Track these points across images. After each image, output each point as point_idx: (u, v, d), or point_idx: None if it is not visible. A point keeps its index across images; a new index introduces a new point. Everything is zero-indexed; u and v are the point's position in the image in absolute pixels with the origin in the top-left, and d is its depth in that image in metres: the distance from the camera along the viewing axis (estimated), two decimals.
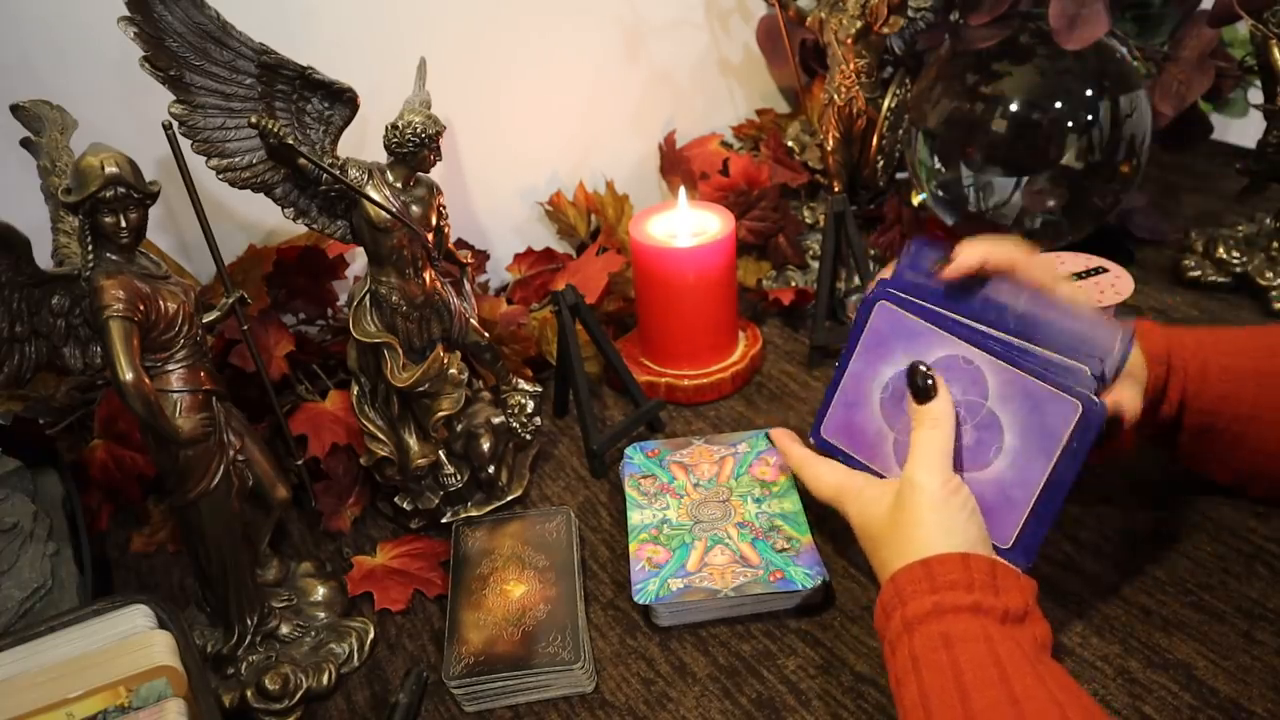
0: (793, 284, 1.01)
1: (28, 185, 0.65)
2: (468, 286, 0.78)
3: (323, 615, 0.70)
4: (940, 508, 0.55)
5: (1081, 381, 0.56)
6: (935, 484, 0.56)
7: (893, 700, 0.61)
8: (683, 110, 1.13)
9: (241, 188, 0.64)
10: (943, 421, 0.58)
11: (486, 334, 0.79)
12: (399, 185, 0.68)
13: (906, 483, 0.57)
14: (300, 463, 0.77)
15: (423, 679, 0.66)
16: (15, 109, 0.67)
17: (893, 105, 0.95)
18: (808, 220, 1.07)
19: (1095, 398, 0.55)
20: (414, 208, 0.69)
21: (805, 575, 0.66)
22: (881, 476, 0.62)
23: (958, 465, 0.59)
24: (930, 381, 0.59)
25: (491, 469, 0.78)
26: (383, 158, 0.69)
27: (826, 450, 0.66)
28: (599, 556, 0.75)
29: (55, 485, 0.78)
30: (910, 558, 0.54)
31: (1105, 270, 0.85)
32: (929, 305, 0.63)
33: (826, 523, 0.75)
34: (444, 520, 0.78)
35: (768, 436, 0.73)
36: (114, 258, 0.56)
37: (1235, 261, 0.95)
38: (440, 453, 0.78)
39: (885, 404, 0.63)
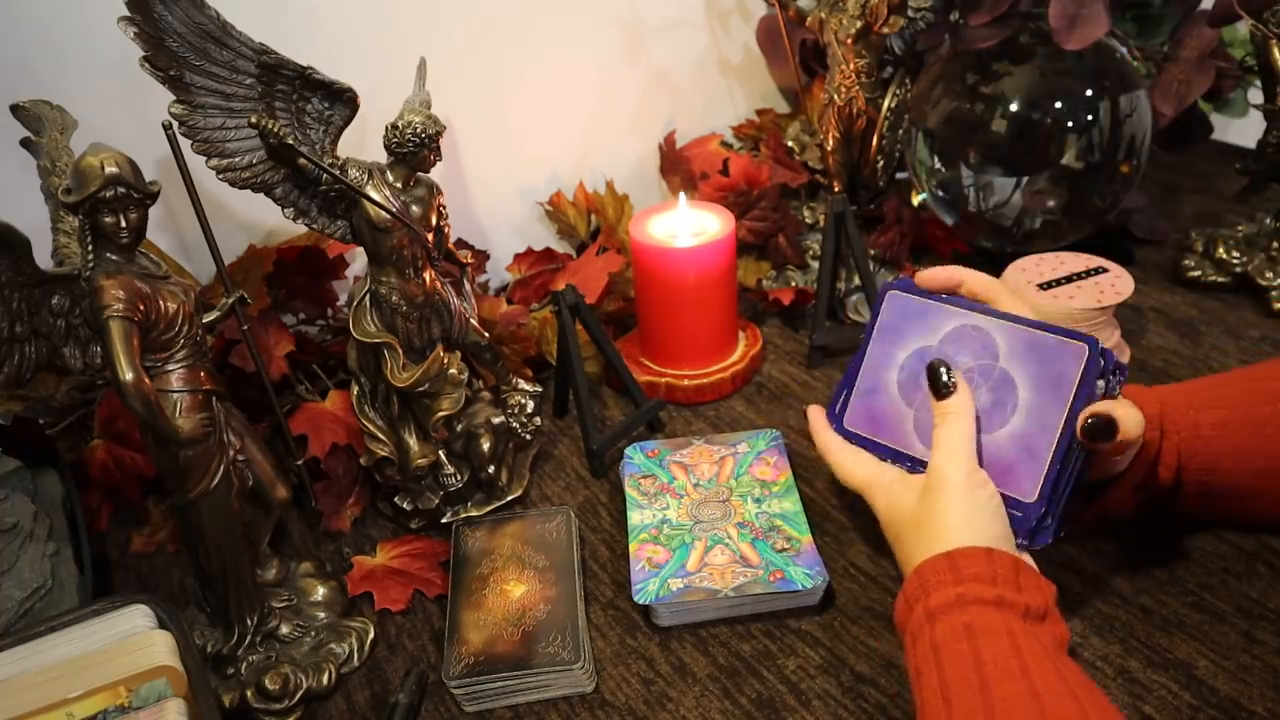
0: (793, 284, 1.01)
1: (28, 185, 0.65)
2: (468, 286, 0.78)
3: (323, 615, 0.70)
4: (965, 500, 0.56)
5: (1083, 336, 0.58)
6: (960, 476, 0.56)
7: (893, 700, 0.61)
8: (683, 110, 1.13)
9: (241, 188, 0.64)
10: (964, 414, 0.59)
11: (486, 334, 0.79)
12: (399, 185, 0.68)
13: (934, 474, 0.57)
14: (300, 463, 0.77)
15: (423, 679, 0.66)
16: (15, 109, 0.67)
17: (893, 105, 0.95)
18: (808, 220, 1.07)
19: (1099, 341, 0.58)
20: (414, 208, 0.69)
21: (805, 575, 0.66)
22: (904, 455, 0.64)
23: (979, 427, 0.60)
24: (950, 378, 0.60)
25: (491, 469, 0.78)
26: (383, 158, 0.69)
27: (849, 440, 0.67)
28: (599, 556, 0.75)
29: (55, 485, 0.78)
30: (935, 549, 0.54)
31: (1105, 270, 0.85)
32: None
33: (827, 523, 0.75)
34: (444, 520, 0.78)
35: (804, 414, 0.73)
36: (114, 258, 0.56)
37: (1235, 261, 0.95)
38: (440, 453, 0.78)
39: (903, 385, 0.65)
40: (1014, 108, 0.88)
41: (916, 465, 0.63)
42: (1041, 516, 0.58)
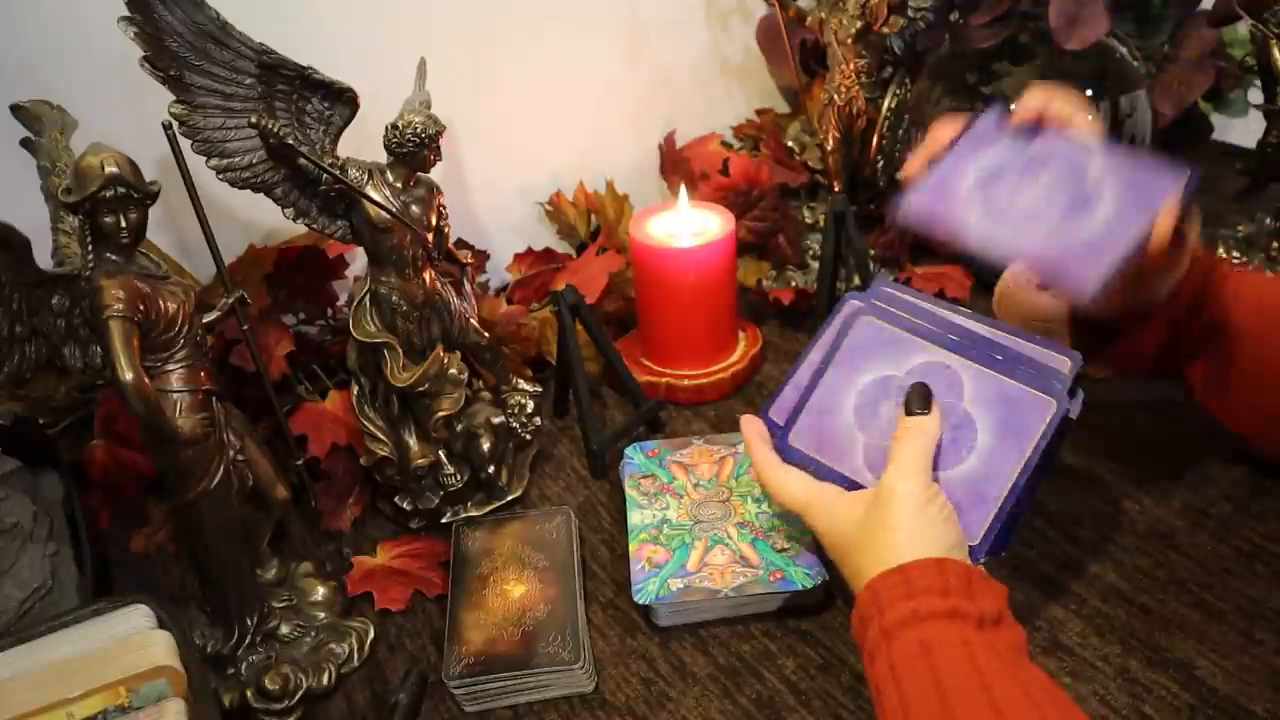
0: (793, 284, 1.01)
1: (28, 185, 0.65)
2: (468, 286, 0.78)
3: (323, 615, 0.70)
4: (917, 514, 0.54)
5: (1057, 379, 0.57)
6: (915, 491, 0.55)
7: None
8: (683, 110, 1.13)
9: (241, 188, 0.64)
10: (928, 433, 0.57)
11: (486, 334, 0.79)
12: (399, 185, 0.68)
13: (885, 489, 0.56)
14: (300, 463, 0.77)
15: (423, 679, 0.66)
16: (15, 109, 0.67)
17: (893, 105, 0.95)
18: (808, 220, 1.07)
19: (1069, 395, 0.57)
20: (414, 208, 0.69)
21: (805, 575, 0.66)
22: (847, 479, 0.61)
23: (954, 412, 0.59)
24: (929, 401, 0.58)
25: (491, 469, 0.78)
26: (383, 158, 0.69)
27: (794, 460, 0.64)
28: (599, 556, 0.75)
29: (55, 485, 0.78)
30: (887, 564, 0.53)
31: None
32: (907, 315, 0.63)
33: None
34: (444, 520, 0.78)
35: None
36: (114, 258, 0.56)
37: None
38: (440, 453, 0.78)
39: (859, 410, 0.62)
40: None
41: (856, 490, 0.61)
42: (981, 554, 0.56)
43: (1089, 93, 0.87)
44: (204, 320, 0.62)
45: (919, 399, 0.58)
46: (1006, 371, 0.59)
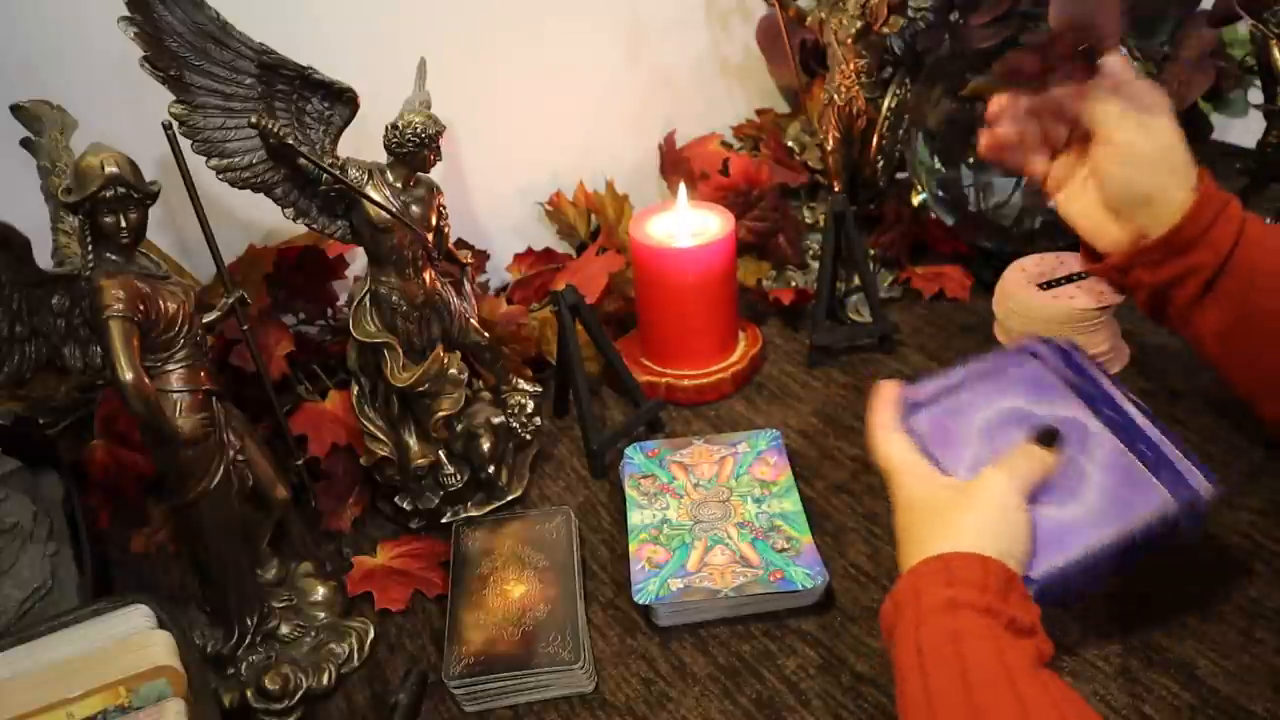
0: (793, 284, 1.01)
1: (28, 185, 0.65)
2: (468, 286, 0.78)
3: (323, 615, 0.70)
4: (998, 509, 0.55)
5: (1185, 489, 0.56)
6: (1006, 490, 0.55)
7: (893, 699, 0.61)
8: (683, 110, 1.13)
9: (241, 188, 0.64)
10: (1044, 463, 0.57)
11: (486, 334, 0.79)
12: (399, 185, 0.68)
13: (980, 479, 0.56)
14: (300, 463, 0.77)
15: (423, 679, 0.66)
16: (15, 109, 0.67)
17: (893, 105, 0.95)
18: (808, 220, 1.07)
19: (1192, 506, 0.56)
20: (414, 208, 0.69)
21: (805, 575, 0.66)
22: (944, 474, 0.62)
23: (1037, 491, 0.58)
24: (1057, 441, 0.58)
25: (491, 469, 0.78)
26: (383, 158, 0.69)
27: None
28: (599, 556, 0.75)
29: (55, 485, 0.78)
30: (943, 545, 0.53)
31: None
32: (1075, 376, 0.64)
33: (827, 523, 0.75)
34: (444, 520, 0.78)
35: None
36: (114, 258, 0.56)
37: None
38: (440, 453, 0.78)
39: (986, 426, 0.63)
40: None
41: None
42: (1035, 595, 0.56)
43: None
44: (204, 320, 0.62)
45: (1049, 436, 0.58)
46: (1143, 459, 0.58)
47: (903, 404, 0.64)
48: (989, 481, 0.56)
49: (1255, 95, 0.94)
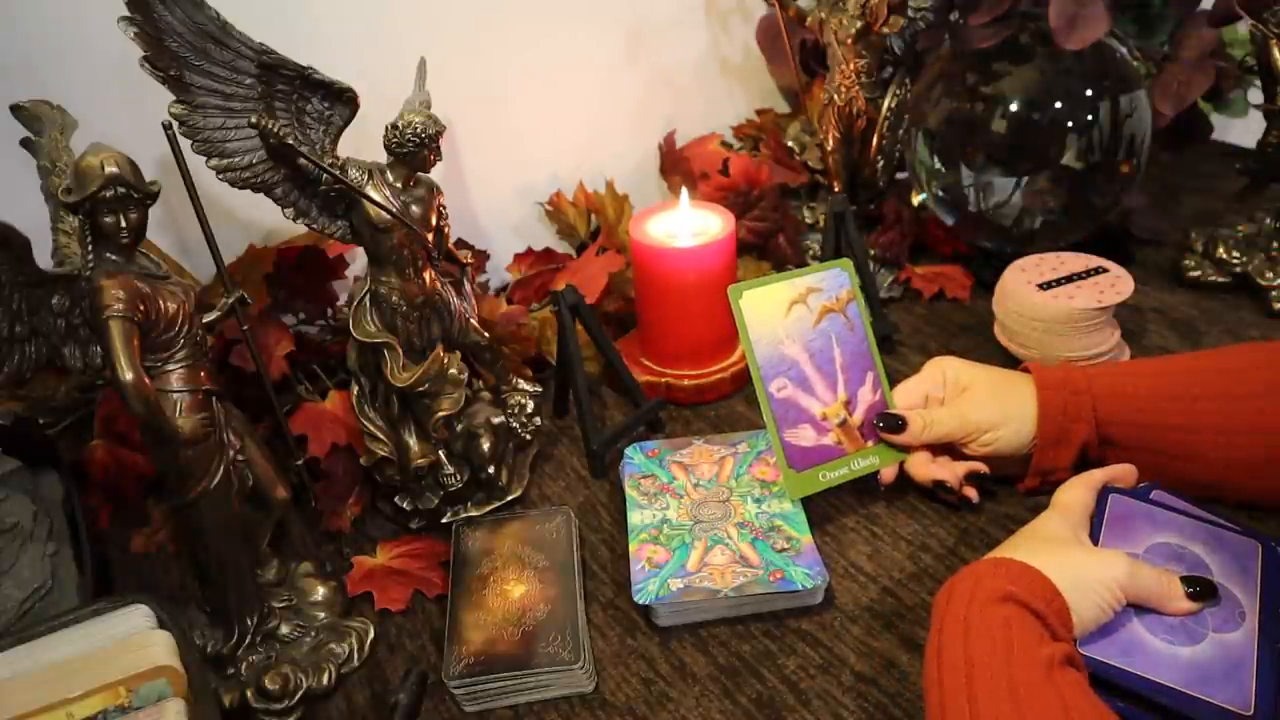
0: None
1: (28, 185, 0.65)
2: (468, 286, 0.78)
3: (323, 615, 0.70)
4: (1096, 577, 0.56)
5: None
6: (1119, 575, 0.56)
7: (894, 700, 0.61)
8: (683, 110, 1.13)
9: (241, 188, 0.64)
10: (1169, 599, 0.57)
11: (486, 334, 0.79)
12: (399, 185, 0.68)
13: (1110, 552, 0.59)
14: (300, 463, 0.77)
15: (423, 679, 0.66)
16: (15, 109, 0.67)
17: (893, 105, 0.95)
18: (808, 220, 1.07)
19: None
20: (414, 208, 0.69)
21: (805, 575, 0.66)
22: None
23: (1205, 627, 0.58)
24: (1203, 600, 0.58)
25: (491, 469, 0.78)
26: (383, 158, 0.68)
27: None
28: (599, 556, 0.75)
29: (55, 485, 0.78)
30: (1030, 557, 0.56)
31: (1105, 270, 0.85)
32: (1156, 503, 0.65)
33: (827, 523, 0.75)
34: (444, 520, 0.78)
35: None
36: (114, 258, 0.56)
37: (1235, 261, 0.95)
38: (440, 453, 0.78)
39: (1158, 547, 0.63)
40: (1014, 108, 0.88)
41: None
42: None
43: (1089, 93, 0.87)
44: (204, 320, 0.62)
45: (1202, 588, 0.58)
46: (1258, 662, 0.56)
47: (1114, 482, 0.66)
48: (1111, 557, 0.57)
49: (1255, 95, 0.94)
